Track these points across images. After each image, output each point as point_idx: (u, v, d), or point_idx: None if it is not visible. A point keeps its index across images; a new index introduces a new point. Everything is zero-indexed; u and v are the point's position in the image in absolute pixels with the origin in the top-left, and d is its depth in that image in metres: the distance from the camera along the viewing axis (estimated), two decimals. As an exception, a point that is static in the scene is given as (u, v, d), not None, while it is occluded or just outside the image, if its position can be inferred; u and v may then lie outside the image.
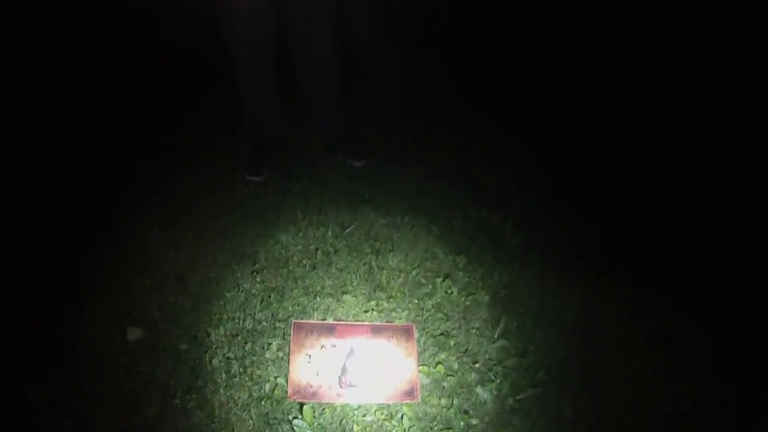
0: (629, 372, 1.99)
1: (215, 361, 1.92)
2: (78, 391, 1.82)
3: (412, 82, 2.92)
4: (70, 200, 2.37)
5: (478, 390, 1.90)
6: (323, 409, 1.83)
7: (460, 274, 2.22)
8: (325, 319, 2.06)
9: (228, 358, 1.93)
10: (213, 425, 1.77)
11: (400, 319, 2.08)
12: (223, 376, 1.89)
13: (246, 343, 1.97)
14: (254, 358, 1.94)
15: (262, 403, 1.83)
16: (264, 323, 2.04)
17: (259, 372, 1.91)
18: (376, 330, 2.03)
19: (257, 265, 2.21)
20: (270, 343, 1.98)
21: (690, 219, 2.46)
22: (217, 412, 1.80)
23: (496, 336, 2.04)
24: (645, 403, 1.93)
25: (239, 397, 1.84)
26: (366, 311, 2.10)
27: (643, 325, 2.12)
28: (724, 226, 2.40)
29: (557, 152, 2.74)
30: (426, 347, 2.01)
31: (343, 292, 2.15)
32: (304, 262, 2.24)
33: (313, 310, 2.09)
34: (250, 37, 2.19)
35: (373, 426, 1.81)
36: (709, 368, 2.02)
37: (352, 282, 2.18)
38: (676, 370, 2.01)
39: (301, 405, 1.83)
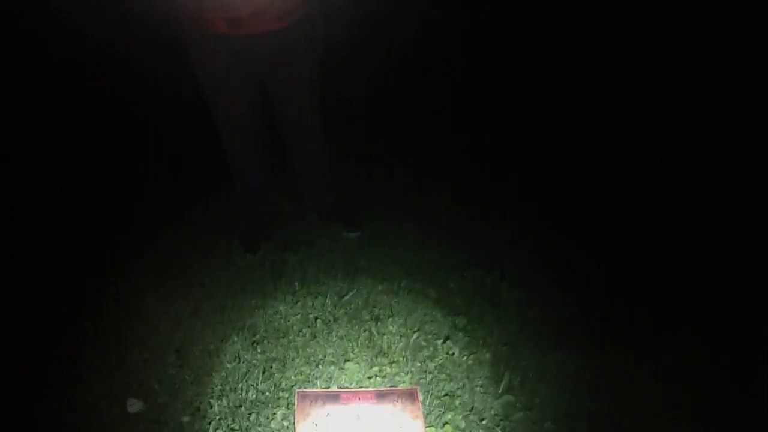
0: (637, 417, 1.99)
1: (219, 433, 1.88)
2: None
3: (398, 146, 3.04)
4: (66, 273, 2.36)
5: (488, 446, 1.88)
6: (334, 477, 1.79)
7: (460, 334, 2.23)
8: (328, 387, 2.04)
9: (232, 429, 1.89)
10: (221, 497, 1.71)
11: (404, 383, 2.06)
12: (229, 447, 1.84)
13: (250, 414, 1.94)
14: (259, 429, 1.90)
15: (271, 473, 1.79)
16: (267, 393, 2.00)
17: (265, 442, 1.87)
18: (380, 395, 2.01)
19: (257, 336, 2.20)
20: (275, 413, 1.95)
21: (684, 268, 2.49)
22: (225, 484, 1.75)
23: (500, 392, 2.03)
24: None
25: (247, 468, 1.79)
26: (369, 377, 2.08)
27: (646, 371, 2.12)
28: (717, 275, 2.43)
29: (549, 211, 2.80)
30: (432, 408, 1.99)
31: (345, 360, 2.13)
32: (304, 331, 2.23)
33: (316, 378, 2.07)
34: (235, 115, 2.23)
35: (387, 491, 1.77)
36: (713, 406, 2.02)
37: (353, 349, 2.17)
38: (682, 411, 2.01)
39: (311, 474, 1.78)
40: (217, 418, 1.92)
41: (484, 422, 1.95)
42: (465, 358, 2.15)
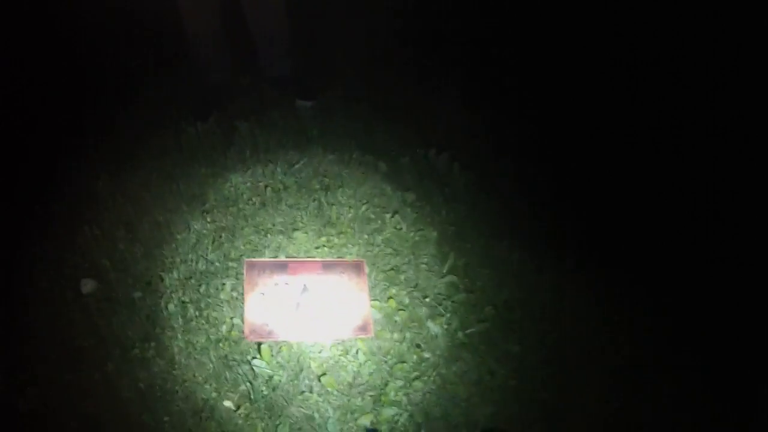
0: (569, 315, 2.09)
1: (171, 307, 1.94)
2: (34, 356, 1.81)
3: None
4: (11, 153, 2.25)
5: (429, 324, 2.00)
6: (280, 348, 1.90)
7: (409, 210, 2.27)
8: (276, 257, 2.10)
9: (183, 302, 1.96)
10: (174, 372, 1.82)
11: (350, 254, 2.13)
12: (180, 321, 1.92)
13: (200, 285, 2.00)
14: (209, 300, 1.97)
15: (220, 345, 1.88)
16: (217, 264, 2.06)
17: (215, 314, 1.95)
18: (327, 266, 2.08)
19: (207, 205, 2.21)
20: (224, 284, 2.01)
21: (627, 167, 2.50)
22: (176, 358, 1.85)
23: (444, 272, 2.13)
24: (586, 347, 2.03)
25: (197, 341, 1.89)
26: (317, 247, 2.14)
27: (586, 276, 2.18)
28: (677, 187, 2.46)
29: (507, 94, 2.73)
30: (377, 282, 2.08)
31: (294, 229, 2.17)
32: (254, 199, 2.24)
33: (265, 248, 2.11)
34: None
35: (330, 362, 1.90)
36: (643, 308, 2.14)
37: (302, 218, 2.21)
38: (614, 313, 2.12)
39: (259, 345, 1.89)
40: (168, 291, 1.98)
41: (427, 300, 2.06)
42: (412, 234, 2.21)
